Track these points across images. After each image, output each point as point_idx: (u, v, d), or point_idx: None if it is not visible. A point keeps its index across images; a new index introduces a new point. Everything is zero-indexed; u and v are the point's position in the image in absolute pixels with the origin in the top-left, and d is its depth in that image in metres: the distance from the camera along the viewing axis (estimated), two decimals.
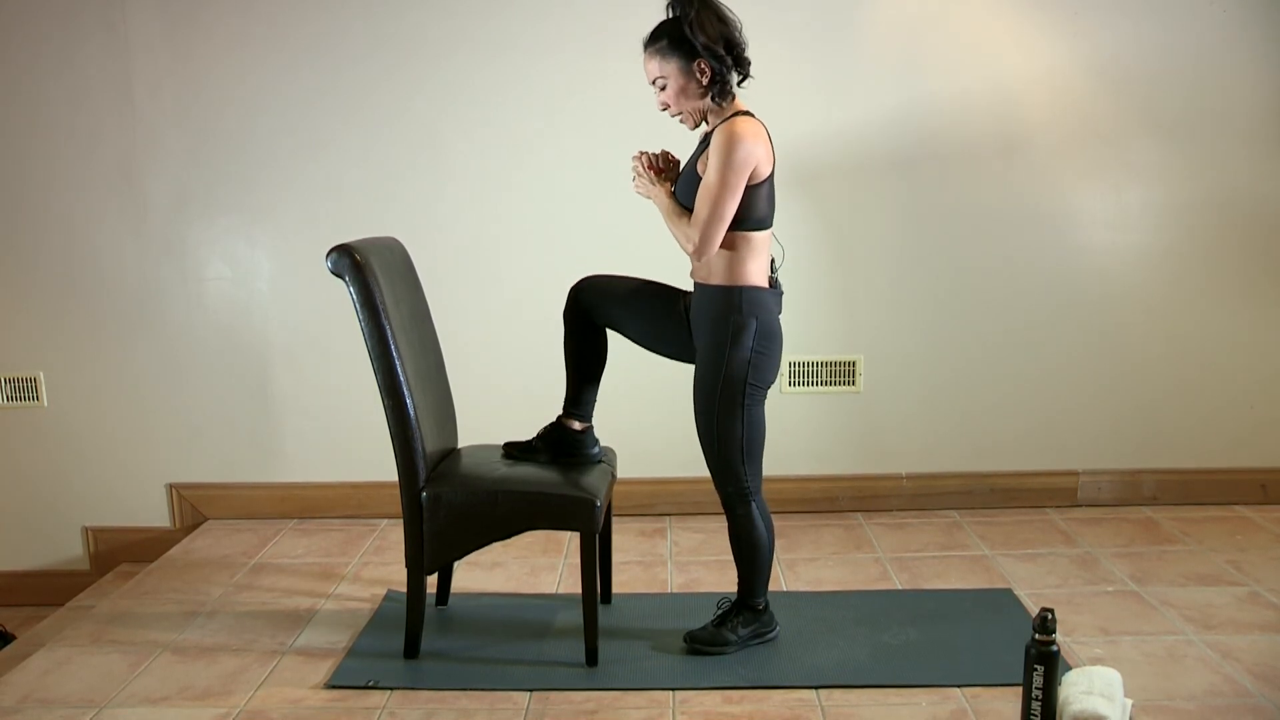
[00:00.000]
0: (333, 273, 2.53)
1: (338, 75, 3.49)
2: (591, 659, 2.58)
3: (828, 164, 3.54)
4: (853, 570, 3.19)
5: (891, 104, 3.50)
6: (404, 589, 2.66)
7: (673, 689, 2.47)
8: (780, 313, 2.56)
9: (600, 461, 2.71)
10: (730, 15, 2.44)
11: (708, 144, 2.47)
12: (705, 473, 2.56)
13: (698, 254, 2.43)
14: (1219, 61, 3.47)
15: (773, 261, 2.59)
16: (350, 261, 2.50)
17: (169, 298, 3.63)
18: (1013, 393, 3.67)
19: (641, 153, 2.58)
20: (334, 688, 2.51)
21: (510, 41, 3.48)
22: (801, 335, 3.63)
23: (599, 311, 2.65)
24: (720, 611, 2.68)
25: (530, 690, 2.48)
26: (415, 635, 2.64)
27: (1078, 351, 3.64)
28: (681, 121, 2.52)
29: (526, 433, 2.79)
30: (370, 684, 2.52)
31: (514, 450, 2.74)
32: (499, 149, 3.53)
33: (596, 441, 2.73)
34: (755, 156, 2.39)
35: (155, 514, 3.75)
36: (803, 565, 3.23)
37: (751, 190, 2.42)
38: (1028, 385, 3.66)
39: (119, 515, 3.75)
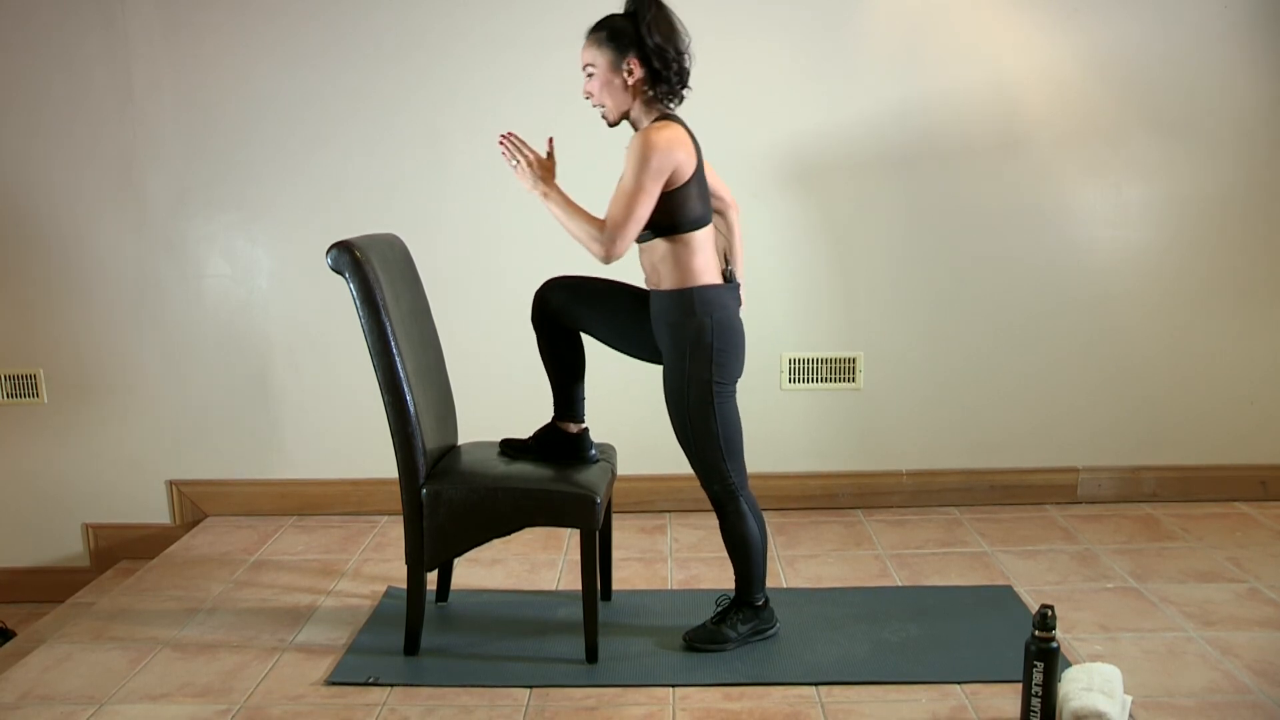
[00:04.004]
0: (333, 269, 2.53)
1: (338, 72, 3.49)
2: (591, 655, 2.58)
3: (828, 161, 3.54)
4: (853, 567, 3.19)
5: (891, 101, 3.50)
6: (404, 585, 2.67)
7: (673, 685, 2.48)
8: (740, 305, 2.56)
9: (598, 461, 2.71)
10: (680, 27, 2.45)
11: None
12: None
13: (606, 255, 2.38)
14: (1219, 58, 3.47)
15: (726, 256, 2.59)
16: (350, 258, 2.50)
17: (169, 294, 3.63)
18: (1013, 389, 3.67)
19: (511, 134, 2.50)
20: (334, 684, 2.51)
21: (511, 39, 3.47)
22: (802, 332, 3.64)
23: (568, 313, 2.63)
24: (719, 609, 2.68)
25: (530, 687, 2.48)
26: (415, 632, 2.64)
27: (1077, 348, 3.64)
28: (602, 116, 2.50)
29: (526, 430, 2.79)
30: (370, 680, 2.52)
31: (510, 449, 2.74)
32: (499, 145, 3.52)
33: (593, 443, 2.73)
34: (673, 162, 2.37)
35: (155, 511, 3.75)
36: (803, 562, 3.23)
37: (677, 193, 2.40)
38: (1027, 382, 3.67)
39: (119, 512, 3.75)
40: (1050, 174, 3.54)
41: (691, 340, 2.47)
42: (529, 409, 2.91)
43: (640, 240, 2.49)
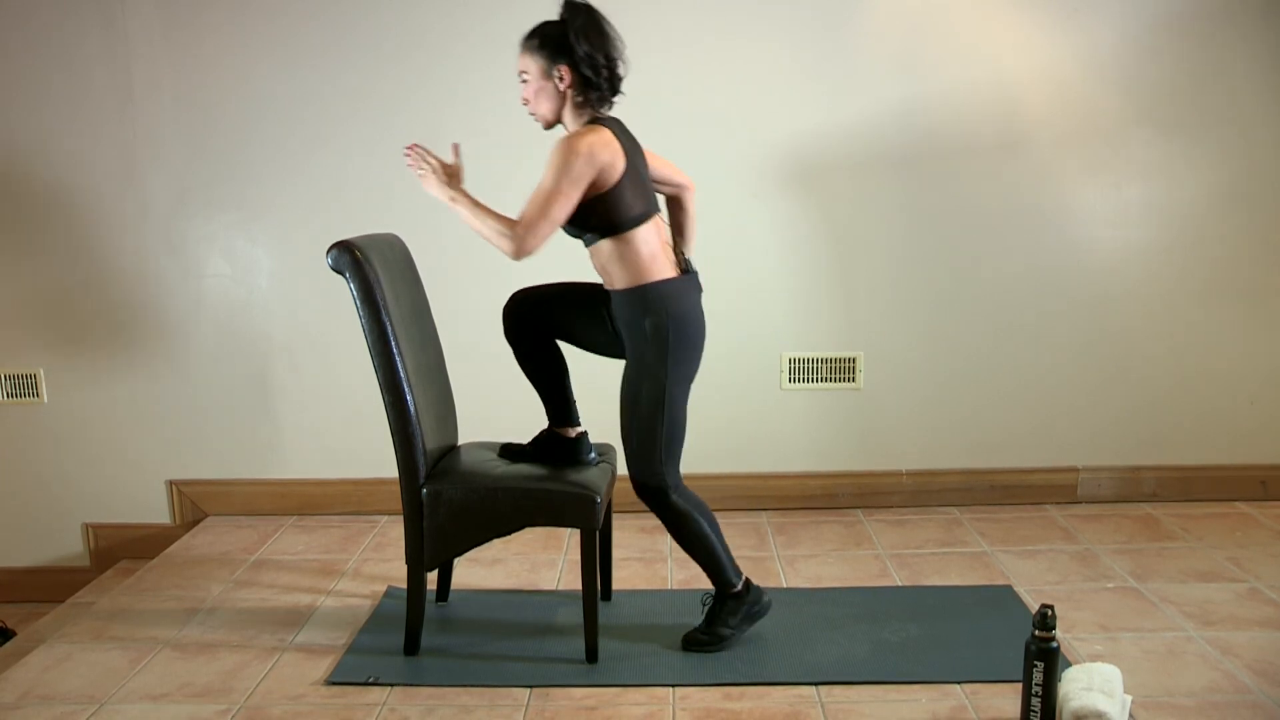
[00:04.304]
0: (333, 269, 2.53)
1: (338, 72, 3.49)
2: (591, 655, 2.58)
3: (828, 161, 3.54)
4: (853, 567, 3.19)
5: (891, 101, 3.50)
6: (404, 585, 2.67)
7: (672, 685, 2.48)
8: (701, 293, 2.56)
9: (598, 463, 2.71)
10: (612, 33, 2.45)
11: None
12: (706, 469, 2.56)
13: (516, 251, 2.37)
14: (1219, 57, 3.47)
15: (677, 246, 2.61)
16: (350, 258, 2.50)
17: (169, 294, 3.63)
18: (1013, 389, 3.67)
19: (415, 145, 2.52)
20: (334, 684, 2.51)
21: (511, 39, 3.45)
22: (802, 332, 3.64)
23: (543, 322, 2.65)
24: (706, 608, 2.67)
25: (530, 686, 2.48)
26: (415, 632, 2.64)
27: (1078, 348, 3.64)
28: (537, 120, 2.54)
29: (526, 429, 2.79)
30: (370, 680, 2.52)
31: (509, 455, 2.74)
32: (500, 145, 3.52)
33: (591, 447, 2.73)
34: (595, 166, 2.36)
35: (155, 510, 3.75)
36: (803, 562, 3.23)
37: (610, 194, 2.40)
38: (1028, 382, 3.67)
39: (119, 512, 3.76)
40: (1050, 174, 3.54)
41: (649, 337, 2.46)
42: (529, 409, 2.91)
43: (586, 244, 2.51)
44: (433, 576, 2.89)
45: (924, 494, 3.71)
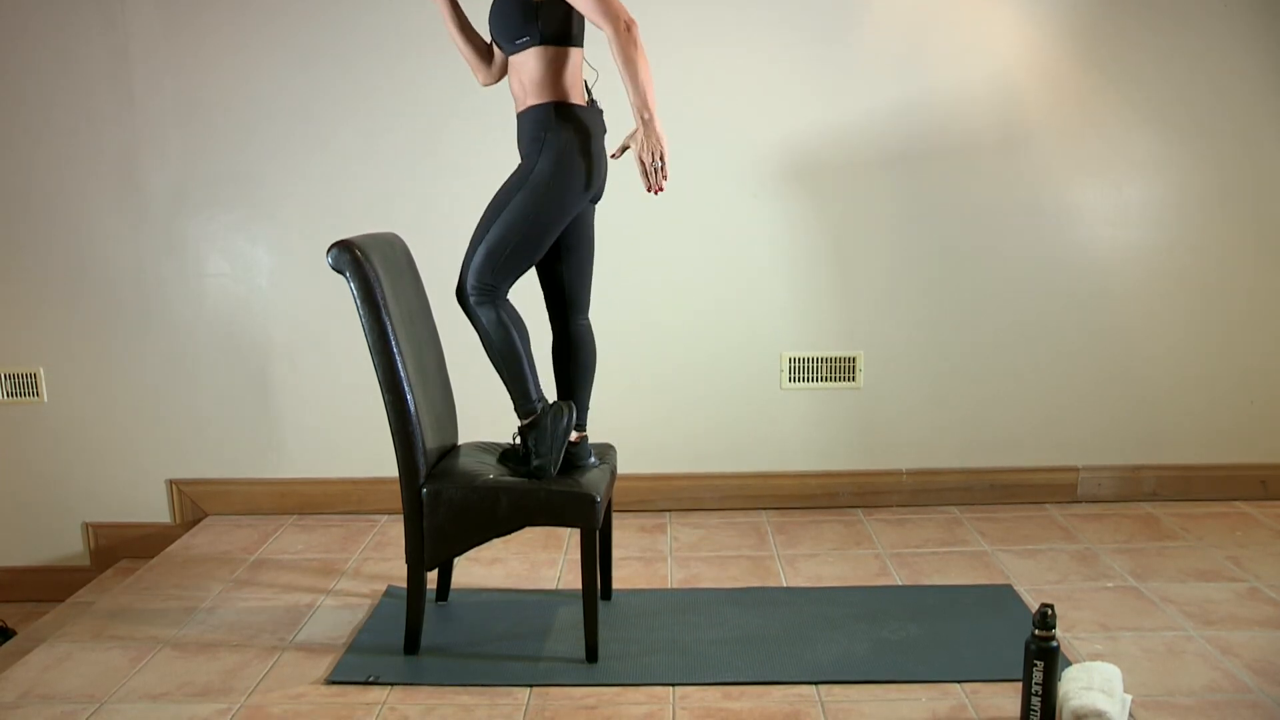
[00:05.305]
0: (333, 268, 2.53)
1: (339, 71, 3.49)
2: (591, 655, 2.58)
3: (827, 159, 3.54)
4: (853, 566, 3.19)
5: (891, 99, 3.50)
6: (404, 585, 2.67)
7: (672, 684, 2.48)
8: (604, 132, 2.59)
9: (598, 467, 2.71)
10: None
11: None
12: (706, 469, 2.55)
13: (627, 22, 2.35)
14: (1220, 55, 3.47)
15: (586, 83, 2.63)
16: (351, 257, 2.50)
17: (169, 294, 3.63)
18: (1013, 388, 3.67)
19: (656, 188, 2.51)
20: (334, 683, 2.51)
21: None
22: (801, 331, 3.64)
23: (558, 303, 2.70)
24: (518, 444, 2.63)
25: (530, 686, 2.48)
26: (415, 631, 2.64)
27: (1078, 347, 3.64)
28: None
29: None
30: (370, 680, 2.52)
31: (508, 459, 2.73)
32: (500, 144, 3.51)
33: (591, 452, 2.72)
34: None
35: (155, 510, 3.76)
36: (803, 561, 3.24)
37: (564, 3, 2.44)
38: (1028, 381, 3.67)
39: (119, 511, 3.76)
40: (1050, 172, 3.54)
41: (544, 150, 2.49)
42: None
43: (516, 50, 2.51)
44: (433, 576, 2.89)
45: (924, 493, 3.71)
